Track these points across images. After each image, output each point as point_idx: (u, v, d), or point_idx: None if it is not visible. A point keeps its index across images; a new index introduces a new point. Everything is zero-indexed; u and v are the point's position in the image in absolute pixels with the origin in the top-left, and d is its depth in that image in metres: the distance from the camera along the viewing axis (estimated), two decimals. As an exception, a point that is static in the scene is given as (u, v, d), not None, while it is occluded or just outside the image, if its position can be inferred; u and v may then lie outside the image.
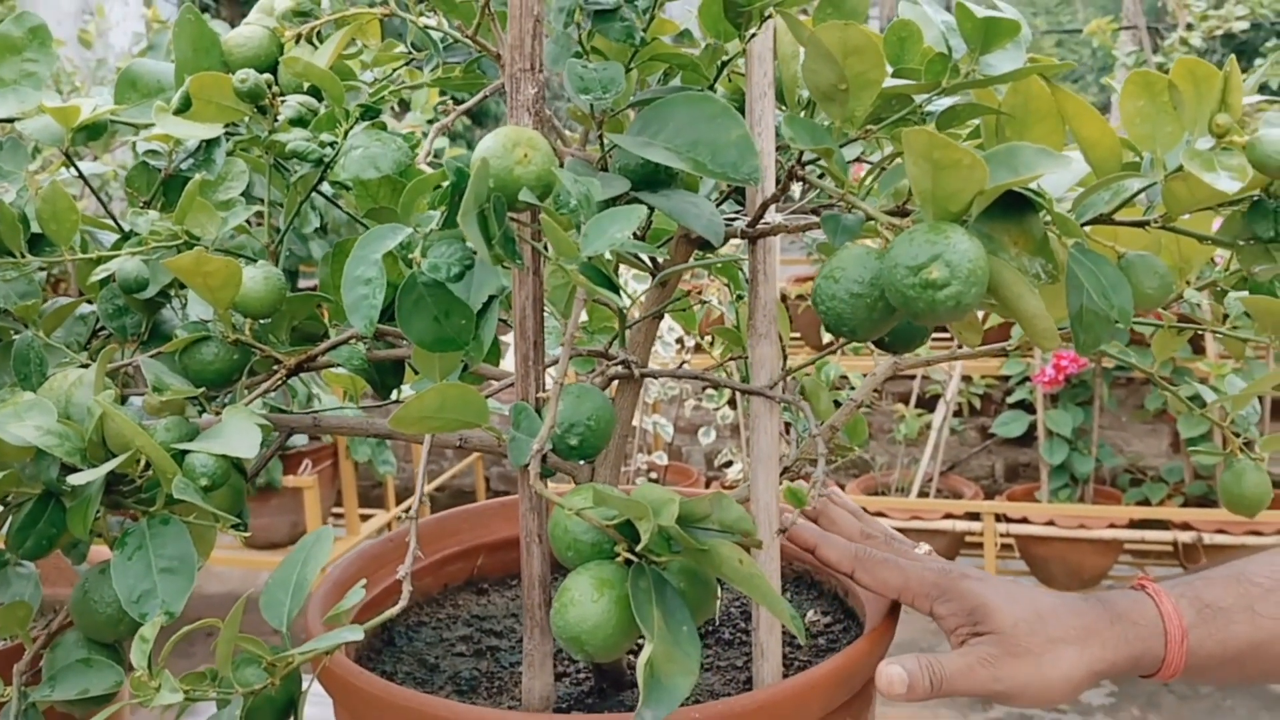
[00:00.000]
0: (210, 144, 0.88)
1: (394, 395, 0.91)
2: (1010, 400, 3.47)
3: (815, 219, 0.76)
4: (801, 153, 0.67)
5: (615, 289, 0.57)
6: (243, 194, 0.89)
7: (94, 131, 0.85)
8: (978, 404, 3.55)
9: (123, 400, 0.78)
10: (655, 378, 0.81)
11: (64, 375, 0.68)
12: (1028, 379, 3.29)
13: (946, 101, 0.67)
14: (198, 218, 0.78)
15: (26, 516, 0.62)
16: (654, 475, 3.50)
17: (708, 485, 3.46)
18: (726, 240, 0.72)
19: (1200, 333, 0.94)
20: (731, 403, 3.42)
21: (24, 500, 0.63)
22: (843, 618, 0.99)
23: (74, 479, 0.59)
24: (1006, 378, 3.39)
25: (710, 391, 3.45)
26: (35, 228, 0.77)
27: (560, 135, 0.80)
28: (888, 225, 0.61)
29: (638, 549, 0.62)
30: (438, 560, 1.05)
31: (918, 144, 0.54)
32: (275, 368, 0.75)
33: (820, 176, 0.71)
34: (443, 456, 4.95)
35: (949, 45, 0.63)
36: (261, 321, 0.75)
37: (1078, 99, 0.61)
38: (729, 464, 3.39)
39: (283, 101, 0.81)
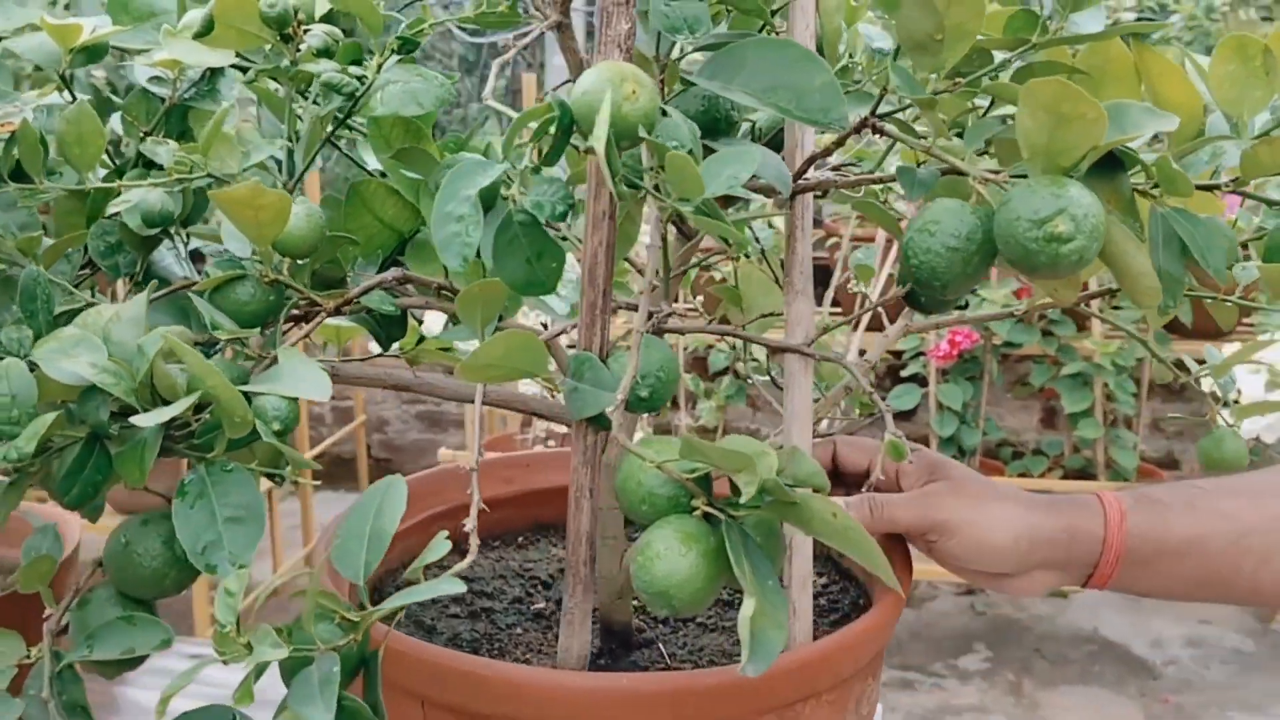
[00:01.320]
0: (215, 73, 0.83)
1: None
2: (904, 374, 3.55)
3: (865, 177, 0.75)
4: (876, 104, 0.66)
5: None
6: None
7: (94, 54, 0.79)
8: (872, 377, 3.62)
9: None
10: (683, 334, 0.80)
11: (98, 312, 0.63)
12: (921, 354, 3.37)
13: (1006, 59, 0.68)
14: (218, 150, 0.73)
15: (74, 462, 0.58)
16: (552, 441, 3.48)
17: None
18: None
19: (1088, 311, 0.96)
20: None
21: (66, 445, 0.59)
22: (838, 578, 1.00)
23: (138, 420, 0.55)
24: (900, 352, 3.46)
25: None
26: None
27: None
28: (982, 179, 0.61)
29: (736, 502, 0.61)
30: (423, 520, 1.02)
31: (1045, 95, 0.53)
32: (310, 310, 0.71)
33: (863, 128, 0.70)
34: (321, 423, 4.84)
35: (1040, 2, 0.63)
36: (299, 262, 0.71)
37: (1165, 59, 0.61)
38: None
39: (306, 30, 0.76)
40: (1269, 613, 3.80)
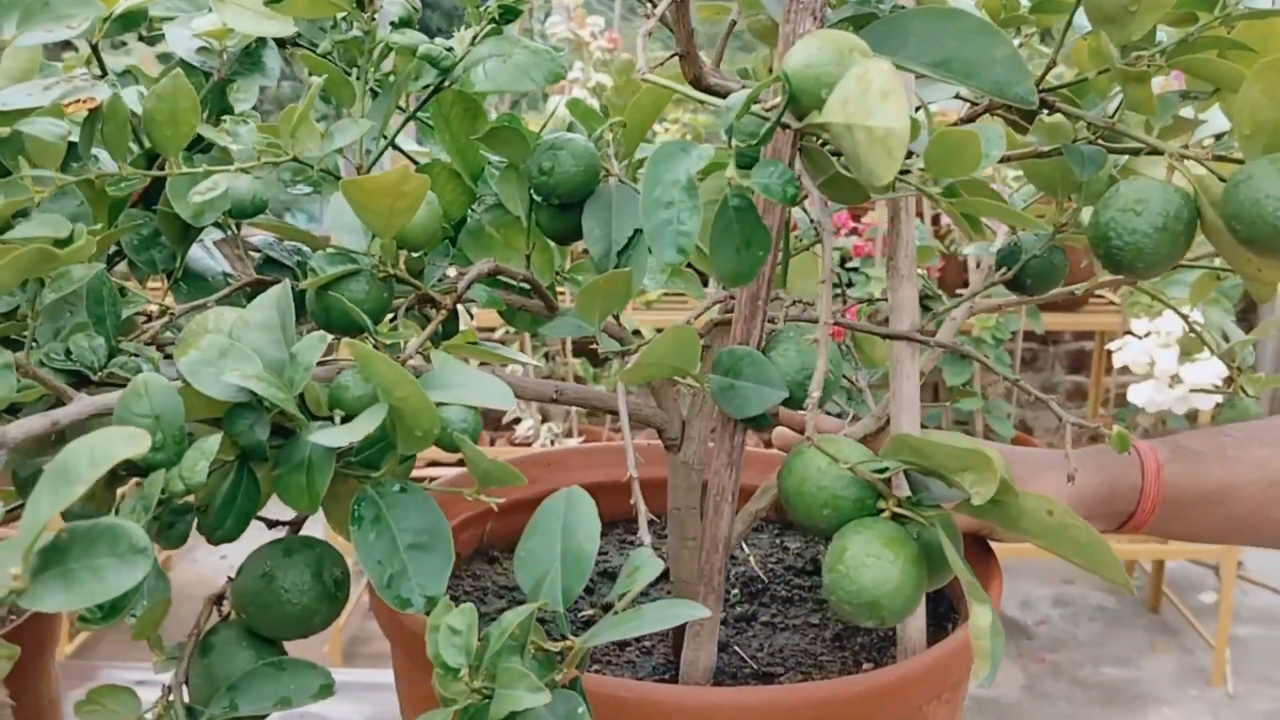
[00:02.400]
0: (259, 44, 0.74)
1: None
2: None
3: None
4: (1042, 77, 0.63)
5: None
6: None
7: (129, 21, 0.69)
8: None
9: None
10: (772, 321, 0.76)
11: (215, 315, 0.55)
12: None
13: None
14: (299, 133, 0.65)
15: (229, 490, 0.50)
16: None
17: (492, 444, 3.37)
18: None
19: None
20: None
21: (214, 469, 0.50)
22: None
23: (321, 438, 0.48)
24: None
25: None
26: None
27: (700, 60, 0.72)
28: (1178, 156, 0.58)
29: (919, 502, 0.57)
30: (453, 527, 0.95)
31: (1297, 68, 0.51)
32: (422, 307, 0.64)
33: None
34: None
35: (1218, -25, 0.60)
36: (414, 254, 0.63)
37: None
38: (517, 420, 3.32)
39: (382, -3, 0.69)
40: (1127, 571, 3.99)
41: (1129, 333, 2.26)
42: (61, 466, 0.38)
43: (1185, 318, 0.98)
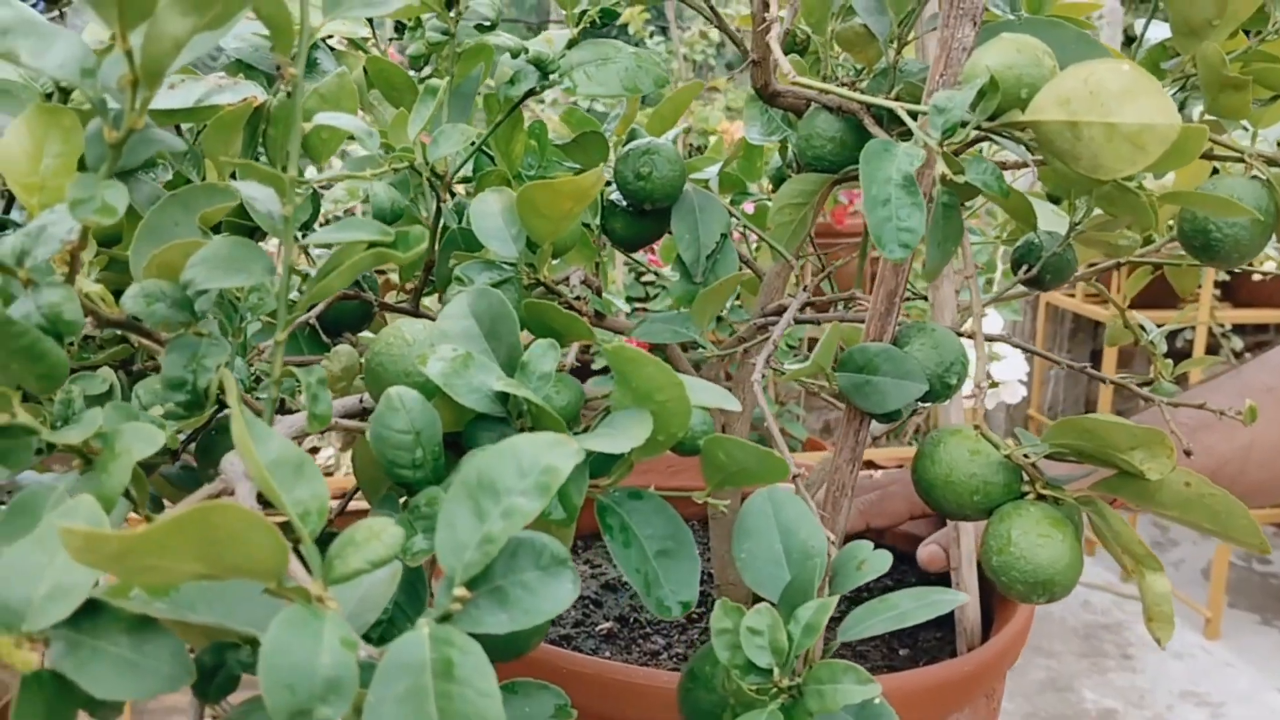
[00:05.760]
0: (313, 44, 0.70)
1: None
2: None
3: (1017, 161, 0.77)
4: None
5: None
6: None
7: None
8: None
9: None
10: (821, 323, 0.78)
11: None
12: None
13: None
14: (402, 138, 0.63)
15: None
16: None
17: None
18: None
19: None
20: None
21: (454, 487, 0.48)
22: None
23: (592, 444, 0.46)
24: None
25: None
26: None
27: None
28: (1255, 157, 0.64)
29: (1056, 482, 0.61)
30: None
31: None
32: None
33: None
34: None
35: None
36: (554, 262, 0.62)
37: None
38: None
39: (467, -2, 0.67)
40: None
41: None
42: (479, 478, 0.36)
43: (1120, 307, 1.07)
